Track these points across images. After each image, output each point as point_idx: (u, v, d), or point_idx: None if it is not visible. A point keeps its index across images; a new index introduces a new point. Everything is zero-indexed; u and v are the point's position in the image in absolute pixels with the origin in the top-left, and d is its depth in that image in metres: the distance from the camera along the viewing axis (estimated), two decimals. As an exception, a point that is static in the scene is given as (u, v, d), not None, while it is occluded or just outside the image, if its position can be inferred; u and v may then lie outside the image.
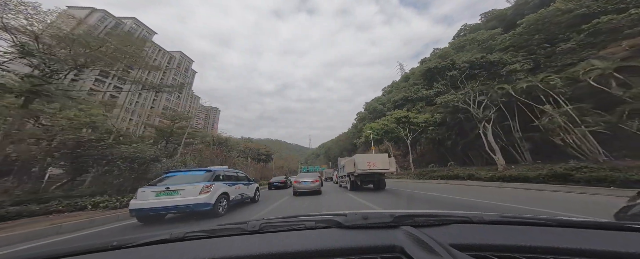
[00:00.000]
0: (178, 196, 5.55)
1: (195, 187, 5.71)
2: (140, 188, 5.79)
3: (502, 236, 0.84)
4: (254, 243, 0.86)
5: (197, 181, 5.93)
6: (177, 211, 5.68)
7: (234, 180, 7.73)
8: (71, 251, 0.86)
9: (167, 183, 5.88)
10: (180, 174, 6.59)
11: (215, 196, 6.01)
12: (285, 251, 0.74)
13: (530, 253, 0.70)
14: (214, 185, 6.13)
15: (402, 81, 59.93)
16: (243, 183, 8.37)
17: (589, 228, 0.88)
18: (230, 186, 7.08)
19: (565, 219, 0.93)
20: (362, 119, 54.71)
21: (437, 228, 0.91)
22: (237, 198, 7.49)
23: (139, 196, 5.59)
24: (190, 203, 5.48)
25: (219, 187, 6.39)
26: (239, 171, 9.56)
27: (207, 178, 6.19)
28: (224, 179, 6.98)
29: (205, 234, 0.97)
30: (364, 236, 0.84)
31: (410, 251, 0.67)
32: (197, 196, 5.61)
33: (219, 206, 6.14)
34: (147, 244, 0.90)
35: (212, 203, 5.82)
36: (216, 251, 0.77)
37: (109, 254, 0.86)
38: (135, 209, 5.44)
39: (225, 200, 6.53)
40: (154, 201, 5.45)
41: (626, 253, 0.66)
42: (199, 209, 5.56)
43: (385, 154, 13.56)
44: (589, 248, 0.69)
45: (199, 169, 7.04)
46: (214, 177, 6.38)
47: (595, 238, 0.78)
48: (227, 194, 6.67)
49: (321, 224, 0.99)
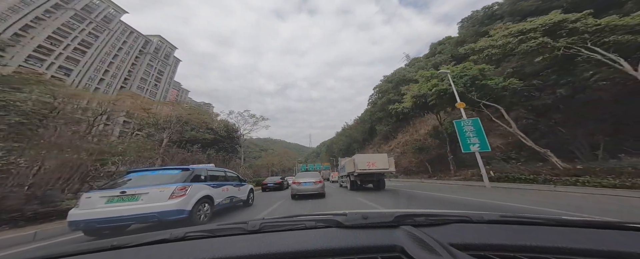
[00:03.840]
0: (138, 203, 4.42)
1: (164, 191, 4.61)
2: (85, 193, 4.62)
3: (502, 236, 0.83)
4: (254, 242, 0.85)
5: (167, 183, 4.85)
6: (137, 222, 4.45)
7: (221, 181, 6.62)
8: (71, 251, 0.85)
9: (127, 186, 4.77)
10: (147, 173, 5.36)
11: (192, 201, 4.92)
12: (286, 250, 0.73)
13: (530, 253, 0.70)
14: (191, 187, 5.01)
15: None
16: (233, 184, 7.24)
17: (589, 227, 0.88)
18: (215, 187, 6.02)
19: (565, 219, 0.93)
20: (384, 92, 42.46)
21: (437, 228, 0.91)
22: (224, 201, 6.44)
23: (82, 203, 4.39)
24: (155, 211, 4.33)
25: (199, 190, 5.29)
26: (229, 170, 8.08)
27: (182, 179, 5.09)
28: (208, 180, 5.89)
29: (205, 233, 0.97)
30: (364, 236, 0.83)
31: (411, 250, 0.66)
32: (165, 201, 4.51)
33: (198, 213, 5.04)
34: (147, 244, 0.90)
35: (188, 209, 4.75)
36: (216, 251, 0.76)
37: (109, 254, 0.86)
38: (75, 221, 4.20)
39: (208, 205, 5.48)
40: (103, 210, 4.27)
41: (627, 253, 0.67)
42: (169, 217, 4.43)
43: (384, 154, 13.43)
44: (590, 248, 0.69)
45: (173, 168, 5.80)
46: (191, 178, 5.29)
47: (595, 238, 0.78)
48: (210, 197, 5.61)
49: (321, 224, 0.99)
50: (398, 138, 38.02)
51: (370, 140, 53.63)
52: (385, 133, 42.91)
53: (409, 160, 28.72)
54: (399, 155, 32.16)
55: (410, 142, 32.13)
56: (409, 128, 37.49)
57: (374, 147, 46.92)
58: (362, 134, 56.51)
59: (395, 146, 36.53)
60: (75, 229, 4.44)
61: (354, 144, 60.50)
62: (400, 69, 45.58)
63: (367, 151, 46.81)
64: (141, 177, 5.14)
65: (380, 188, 12.72)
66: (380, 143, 45.43)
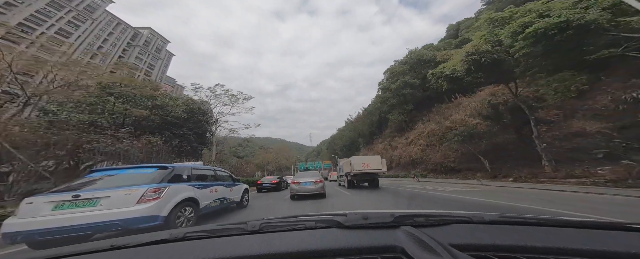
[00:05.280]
0: (96, 208, 3.66)
1: (131, 194, 3.83)
2: (27, 198, 3.75)
3: (503, 236, 0.82)
4: (254, 242, 0.85)
5: (137, 184, 4.07)
6: (94, 232, 3.69)
7: (209, 181, 5.92)
8: (71, 251, 0.85)
9: (84, 188, 3.96)
10: (116, 173, 4.60)
11: (169, 205, 4.16)
12: (286, 251, 0.74)
13: (531, 253, 0.70)
14: (168, 189, 4.24)
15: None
16: (224, 185, 6.53)
17: (589, 227, 0.87)
18: (201, 188, 5.30)
19: (565, 219, 0.93)
20: (398, 75, 36.31)
21: (438, 228, 0.90)
22: (213, 204, 5.72)
23: (22, 210, 3.61)
24: (117, 218, 3.59)
25: (179, 192, 4.52)
26: (220, 168, 7.62)
27: (158, 179, 4.33)
28: (192, 180, 5.15)
29: (205, 234, 0.97)
30: (364, 236, 0.83)
31: (411, 251, 0.66)
32: (132, 206, 3.76)
33: (179, 219, 4.29)
34: (146, 244, 0.90)
35: (163, 214, 4.00)
36: (216, 251, 0.76)
37: (109, 255, 0.85)
38: (10, 233, 3.41)
39: (192, 209, 4.70)
40: (48, 219, 3.51)
41: (626, 253, 0.66)
42: (137, 225, 3.68)
43: (378, 156, 14.94)
44: (589, 248, 0.69)
45: (148, 166, 4.86)
46: (170, 178, 4.56)
47: (595, 238, 0.78)
48: (194, 200, 4.86)
49: (321, 224, 0.99)
50: (418, 128, 31.86)
51: (379, 133, 47.40)
52: (399, 124, 36.46)
53: (443, 154, 21.92)
54: (425, 148, 25.89)
55: (437, 131, 25.78)
56: (432, 115, 31.26)
57: (384, 141, 40.68)
58: (369, 127, 50.21)
59: (415, 138, 30.26)
60: (13, 243, 3.52)
61: (360, 139, 54.25)
62: (417, 50, 39.03)
63: (377, 145, 42.42)
64: (106, 177, 4.42)
65: (374, 187, 13.78)
66: (392, 135, 39.12)
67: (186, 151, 20.91)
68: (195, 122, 23.25)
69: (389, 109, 38.70)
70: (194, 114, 23.27)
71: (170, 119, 20.28)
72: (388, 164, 37.52)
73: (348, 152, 63.00)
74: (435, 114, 30.90)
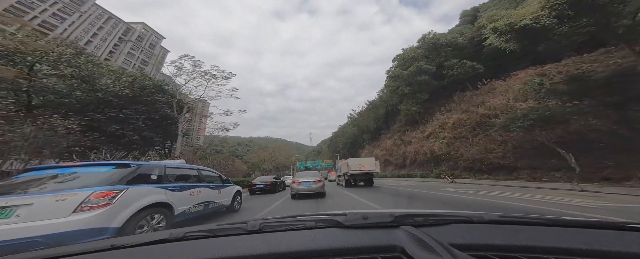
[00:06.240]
0: (9, 221, 2.80)
1: (63, 200, 2.95)
2: None
3: (502, 236, 0.82)
4: (254, 242, 0.85)
5: (80, 186, 3.25)
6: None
7: (192, 181, 5.19)
8: (70, 251, 0.85)
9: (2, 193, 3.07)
10: (55, 173, 3.61)
11: (125, 213, 3.33)
12: (286, 250, 0.74)
13: (530, 253, 0.69)
14: (124, 193, 3.41)
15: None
16: (210, 186, 5.77)
17: (589, 227, 0.87)
18: (177, 191, 4.51)
19: (565, 219, 0.93)
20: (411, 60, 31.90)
21: (437, 228, 0.90)
22: (194, 209, 4.92)
23: None
24: (37, 235, 2.74)
25: (144, 196, 3.74)
26: (207, 168, 6.61)
27: (110, 180, 3.48)
28: (165, 181, 4.35)
29: (205, 233, 0.96)
30: (364, 236, 0.83)
31: (411, 250, 0.66)
32: (66, 216, 2.90)
33: (140, 229, 3.52)
34: (146, 244, 0.90)
35: (115, 226, 3.20)
36: (216, 251, 0.76)
37: (109, 254, 0.85)
38: None
39: (162, 215, 3.93)
40: None
41: (626, 253, 0.66)
42: (73, 242, 2.51)
43: (372, 158, 15.69)
44: (589, 248, 0.68)
45: (103, 164, 3.96)
46: (131, 178, 3.73)
47: (595, 238, 0.77)
48: (165, 205, 4.07)
49: (321, 223, 0.98)
50: (437, 119, 27.46)
51: (386, 128, 43.08)
52: (411, 116, 32.03)
53: (483, 147, 17.16)
54: (451, 142, 21.52)
55: (467, 121, 21.37)
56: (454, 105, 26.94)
57: (394, 137, 36.44)
58: (375, 122, 46.08)
59: (435, 130, 25.92)
60: None
61: (365, 136, 50.12)
62: (431, 33, 34.64)
63: (384, 141, 39.16)
64: (39, 179, 3.47)
65: (369, 185, 15.08)
66: (403, 130, 34.78)
67: (136, 142, 15.65)
68: (150, 104, 16.77)
69: (400, 100, 34.42)
70: (149, 93, 16.74)
71: (103, 96, 14.34)
72: (401, 162, 33.54)
73: (351, 150, 58.97)
74: (457, 103, 26.51)
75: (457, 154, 19.36)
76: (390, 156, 34.68)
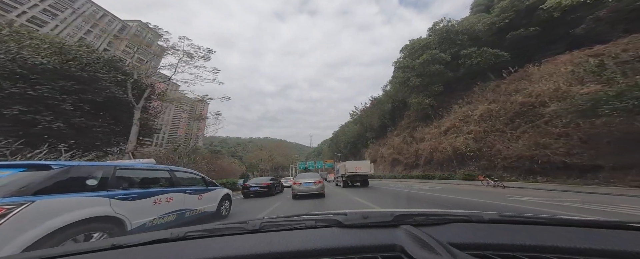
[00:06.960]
0: None
1: None
2: None
3: (502, 235, 0.82)
4: (254, 242, 0.85)
5: None
6: None
7: (160, 186, 4.31)
8: (70, 251, 0.85)
9: None
10: None
11: (28, 235, 2.37)
12: (286, 250, 0.74)
13: (530, 252, 0.70)
14: (25, 208, 2.40)
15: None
16: (187, 191, 4.84)
17: (589, 227, 0.88)
18: (134, 199, 3.55)
19: (564, 218, 0.94)
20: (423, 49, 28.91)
21: (437, 227, 0.91)
22: (160, 221, 3.95)
23: None
24: None
25: (67, 210, 2.72)
26: (189, 169, 5.92)
27: (5, 190, 2.46)
28: (111, 187, 3.35)
29: (205, 233, 0.97)
30: (364, 235, 0.83)
31: (411, 250, 0.66)
32: None
33: None
34: (147, 244, 0.90)
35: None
36: (216, 250, 0.77)
37: (109, 254, 0.85)
38: None
39: (102, 234, 2.94)
40: None
41: (625, 252, 0.67)
42: None
43: (367, 161, 17.80)
44: (590, 247, 0.69)
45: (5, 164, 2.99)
46: (45, 186, 2.67)
47: (594, 237, 0.78)
48: (111, 219, 3.13)
49: (321, 223, 0.99)
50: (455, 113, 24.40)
51: (392, 124, 39.79)
52: (423, 110, 28.78)
53: (533, 142, 13.81)
54: (483, 136, 18.23)
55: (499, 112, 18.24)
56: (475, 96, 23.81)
57: (403, 133, 33.20)
58: (380, 119, 42.75)
59: (454, 125, 22.71)
60: None
61: (368, 134, 46.70)
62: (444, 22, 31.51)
63: (391, 139, 36.66)
64: None
65: (364, 186, 16.38)
66: (414, 125, 31.53)
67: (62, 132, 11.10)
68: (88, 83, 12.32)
69: (409, 93, 31.22)
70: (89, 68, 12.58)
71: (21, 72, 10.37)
72: (413, 162, 29.66)
73: (353, 150, 55.79)
74: (479, 93, 23.40)
75: (492, 151, 16.20)
76: (400, 155, 31.35)
